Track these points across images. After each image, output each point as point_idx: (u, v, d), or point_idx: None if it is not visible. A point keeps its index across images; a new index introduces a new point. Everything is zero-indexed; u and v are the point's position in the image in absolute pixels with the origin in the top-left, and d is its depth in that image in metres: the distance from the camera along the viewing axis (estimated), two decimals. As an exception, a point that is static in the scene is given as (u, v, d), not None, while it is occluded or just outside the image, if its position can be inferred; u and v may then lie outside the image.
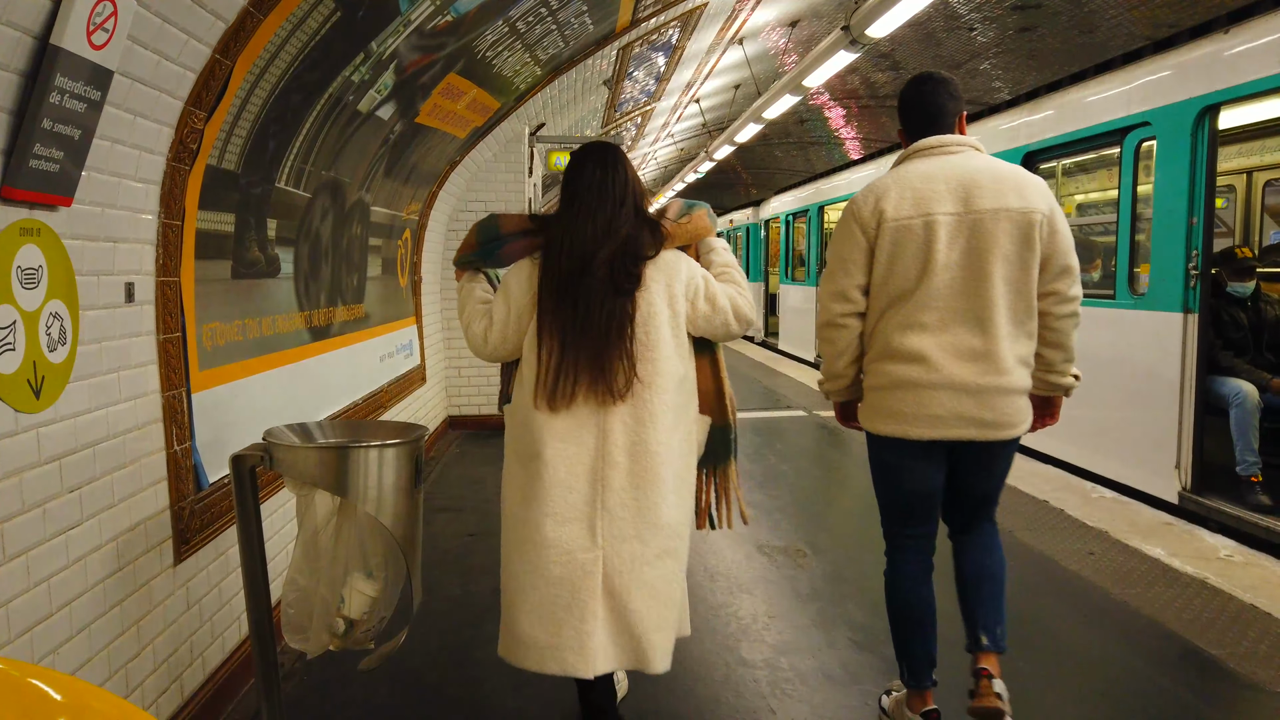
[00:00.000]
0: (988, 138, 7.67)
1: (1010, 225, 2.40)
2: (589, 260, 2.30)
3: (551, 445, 2.29)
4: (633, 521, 2.30)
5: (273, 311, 3.53)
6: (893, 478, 2.69)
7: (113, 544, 2.35)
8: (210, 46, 2.50)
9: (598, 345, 2.28)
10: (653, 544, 2.33)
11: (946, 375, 2.42)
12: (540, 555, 2.31)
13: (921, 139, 2.60)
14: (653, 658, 2.32)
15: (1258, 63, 4.68)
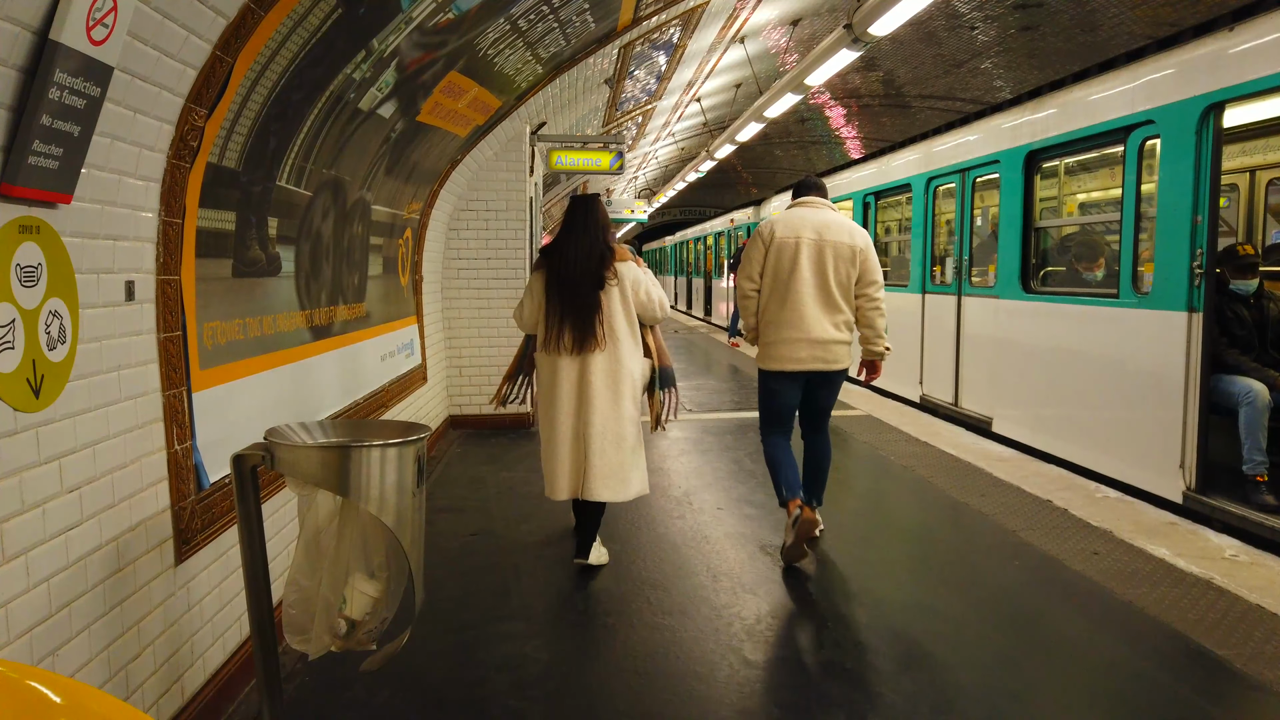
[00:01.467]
0: (989, 136, 7.65)
1: (845, 250, 4.24)
2: (574, 271, 4.07)
3: (557, 374, 4.11)
4: (602, 411, 4.05)
5: (274, 310, 3.51)
6: (773, 397, 4.47)
7: (113, 544, 2.33)
8: (211, 43, 2.48)
9: (581, 319, 4.04)
10: (611, 425, 4.06)
11: (804, 337, 4.24)
12: (555, 428, 4.11)
13: (803, 200, 4.48)
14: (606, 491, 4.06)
15: (1263, 61, 4.66)
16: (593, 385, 4.04)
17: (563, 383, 4.08)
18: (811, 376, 4.32)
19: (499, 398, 4.65)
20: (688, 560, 4.40)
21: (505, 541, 4.68)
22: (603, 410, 4.04)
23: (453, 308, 7.65)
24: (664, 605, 3.82)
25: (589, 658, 3.33)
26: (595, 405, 4.04)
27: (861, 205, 10.99)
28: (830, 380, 4.37)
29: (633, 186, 27.12)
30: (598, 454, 4.03)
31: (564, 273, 4.07)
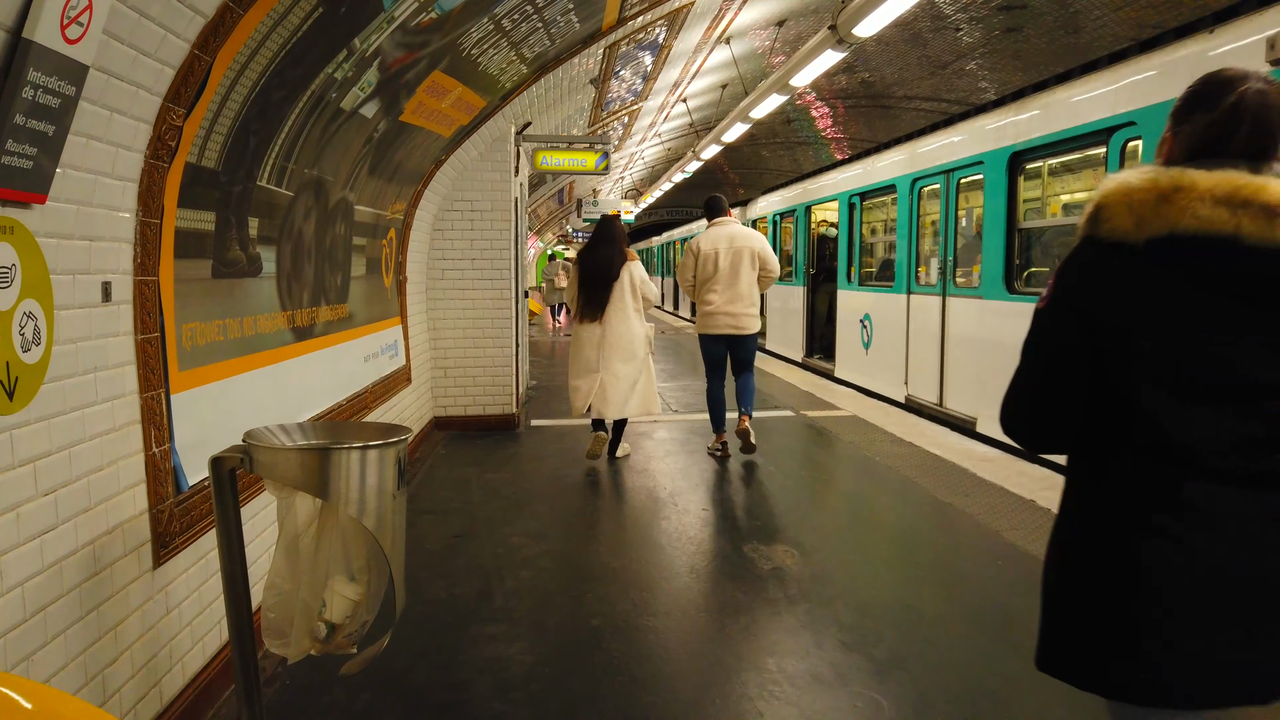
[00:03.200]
0: (973, 138, 7.69)
1: (747, 253, 6.26)
2: (597, 269, 6.18)
3: (581, 334, 6.21)
4: (614, 359, 6.10)
5: (254, 311, 3.49)
6: (708, 353, 6.49)
7: (89, 548, 2.30)
8: (189, 42, 2.46)
9: (600, 300, 6.14)
10: (620, 371, 6.11)
11: (725, 310, 6.24)
12: (581, 369, 6.15)
13: (716, 220, 6.49)
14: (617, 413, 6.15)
15: (1242, 63, 4.70)
16: (608, 342, 6.17)
17: (588, 342, 6.23)
18: (731, 339, 6.33)
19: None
20: (673, 561, 4.39)
21: (489, 543, 4.67)
22: (613, 360, 6.15)
23: (437, 308, 7.62)
24: (649, 606, 3.81)
25: (573, 660, 3.32)
26: (609, 355, 6.14)
27: (847, 206, 11.02)
28: (743, 341, 6.36)
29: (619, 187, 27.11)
30: (613, 382, 6.14)
31: (590, 270, 6.23)
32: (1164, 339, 1.51)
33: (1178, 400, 1.50)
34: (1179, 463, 1.51)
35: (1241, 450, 1.49)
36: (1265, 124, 1.53)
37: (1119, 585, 1.56)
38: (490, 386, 7.81)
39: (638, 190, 29.67)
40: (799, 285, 13.12)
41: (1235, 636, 1.51)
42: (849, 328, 10.83)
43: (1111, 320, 1.53)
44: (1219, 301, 1.48)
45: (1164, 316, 1.51)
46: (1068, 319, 1.59)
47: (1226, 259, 1.46)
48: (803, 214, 13.14)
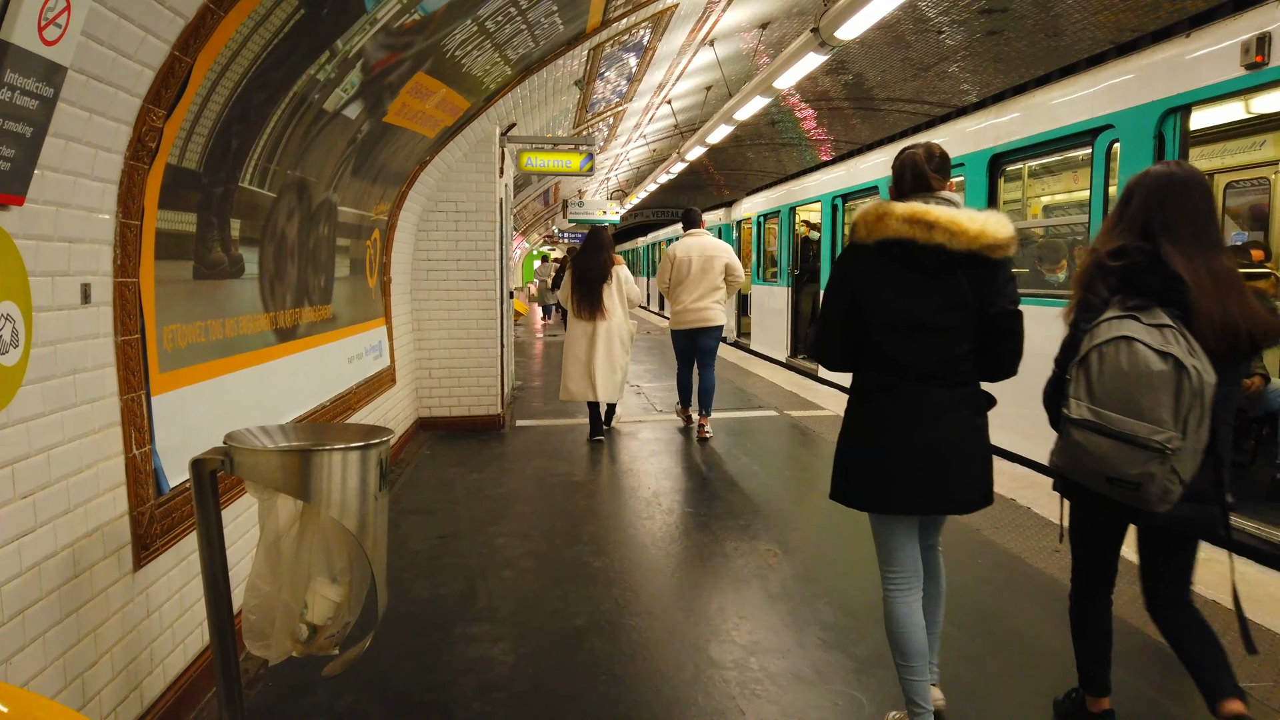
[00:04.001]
0: (955, 140, 7.74)
1: (714, 261, 7.23)
2: (590, 272, 7.05)
3: (574, 331, 7.07)
4: (601, 352, 6.96)
5: (236, 313, 3.48)
6: (678, 346, 7.50)
7: (68, 550, 2.30)
8: (169, 43, 2.46)
9: (592, 299, 7.00)
10: (604, 362, 6.96)
11: (692, 308, 7.23)
12: (573, 361, 7.03)
13: (690, 230, 7.42)
14: (605, 397, 7.06)
15: (1218, 66, 4.76)
16: (598, 337, 6.99)
17: (581, 336, 7.05)
18: (697, 330, 7.32)
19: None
20: (656, 560, 4.41)
21: (473, 544, 4.67)
22: (603, 352, 6.99)
23: (422, 309, 7.61)
24: (632, 606, 3.82)
25: (556, 659, 3.33)
26: (599, 349, 6.98)
27: (830, 207, 11.06)
28: (709, 330, 7.30)
29: (604, 188, 27.11)
30: (601, 376, 6.98)
31: (583, 274, 7.07)
32: (880, 299, 2.55)
33: (889, 334, 2.55)
34: (893, 368, 2.57)
35: (920, 363, 2.55)
36: (920, 174, 2.61)
37: (863, 440, 2.66)
38: (475, 387, 7.80)
39: (623, 191, 29.67)
40: (783, 286, 13.16)
41: (928, 472, 2.57)
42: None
43: (860, 289, 2.57)
44: (909, 275, 2.52)
45: (881, 286, 2.55)
46: (842, 291, 2.62)
47: (914, 253, 2.49)
48: (787, 215, 13.19)
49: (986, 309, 2.55)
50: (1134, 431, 2.24)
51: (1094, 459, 2.33)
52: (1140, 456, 2.24)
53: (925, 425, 2.55)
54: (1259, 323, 2.36)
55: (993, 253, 2.48)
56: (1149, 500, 2.29)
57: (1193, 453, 2.27)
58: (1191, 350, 2.25)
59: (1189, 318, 2.32)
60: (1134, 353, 2.26)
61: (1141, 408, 2.24)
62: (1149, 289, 2.37)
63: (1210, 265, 2.38)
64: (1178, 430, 2.22)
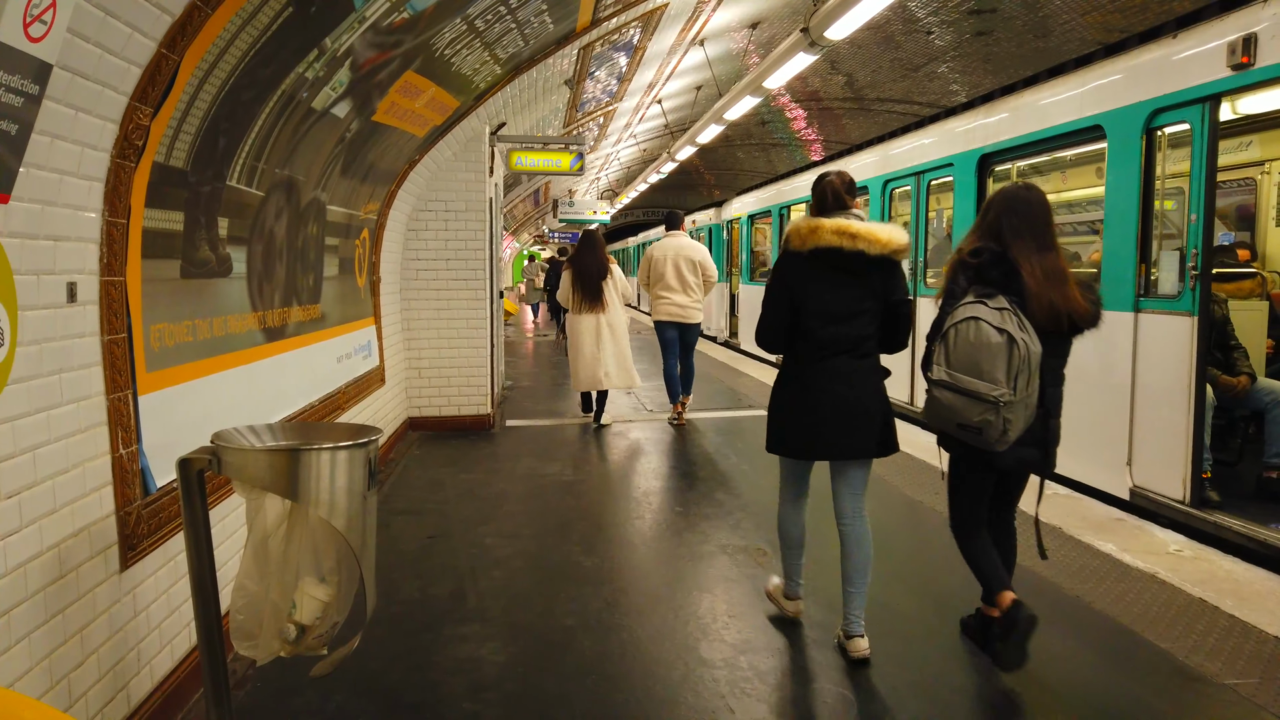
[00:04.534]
0: (944, 140, 7.77)
1: (690, 261, 7.82)
2: (589, 270, 7.70)
3: (579, 324, 7.73)
4: (609, 344, 7.66)
5: (224, 312, 3.47)
6: (663, 335, 7.89)
7: (54, 551, 2.28)
8: (156, 40, 2.45)
9: (593, 294, 7.67)
10: (615, 353, 7.68)
11: (674, 302, 7.80)
12: (582, 353, 7.67)
13: (670, 232, 8.00)
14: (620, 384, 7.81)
15: (1204, 67, 4.78)
16: (603, 330, 7.68)
17: (586, 331, 7.70)
18: (680, 326, 7.88)
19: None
20: (646, 560, 4.41)
21: (463, 544, 4.66)
22: (609, 342, 7.66)
23: (412, 309, 7.59)
24: (621, 606, 3.82)
25: (546, 660, 3.33)
26: (605, 339, 7.64)
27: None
28: (689, 328, 7.96)
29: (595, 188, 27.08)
30: (612, 364, 7.66)
31: (583, 271, 7.72)
32: (812, 294, 3.26)
33: (818, 321, 3.26)
34: (818, 347, 3.28)
35: (839, 342, 3.26)
36: (839, 196, 3.32)
37: (790, 401, 3.38)
38: (465, 387, 7.79)
39: (614, 191, 29.65)
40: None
41: (840, 425, 3.27)
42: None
43: (795, 287, 3.29)
44: (835, 276, 3.23)
45: (812, 284, 3.26)
46: (781, 288, 3.34)
47: (837, 257, 3.18)
48: (778, 215, 13.20)
49: (889, 298, 3.31)
50: (976, 388, 2.93)
51: (948, 410, 3.02)
52: (980, 407, 2.93)
53: (842, 388, 3.28)
54: (1077, 309, 3.07)
55: (896, 256, 3.24)
56: (989, 441, 2.98)
57: (1023, 405, 2.94)
58: (1022, 326, 2.94)
59: (1024, 303, 3.01)
60: (979, 328, 2.94)
61: (982, 370, 2.92)
62: (995, 280, 3.07)
63: (1044, 263, 3.07)
64: (1009, 387, 2.90)
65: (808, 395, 3.31)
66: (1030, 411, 2.98)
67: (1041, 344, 2.97)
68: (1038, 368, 2.95)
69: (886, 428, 3.36)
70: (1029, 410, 2.97)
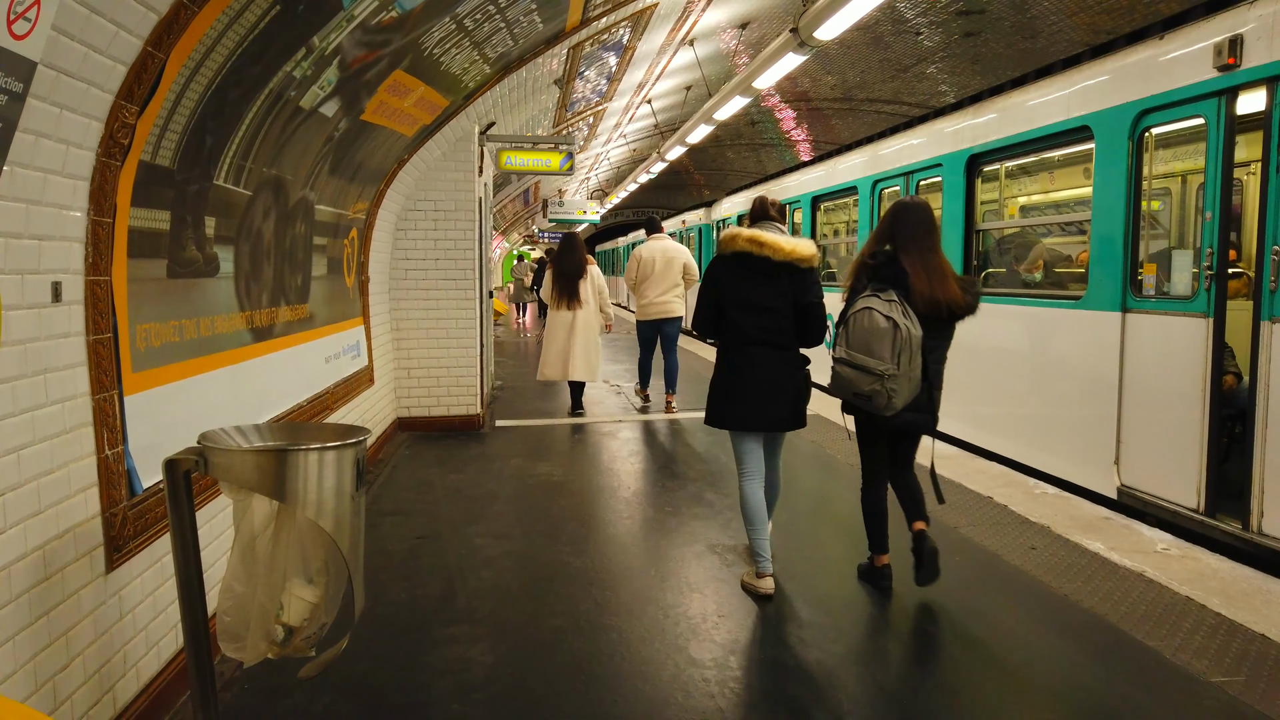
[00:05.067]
0: (933, 140, 7.79)
1: (675, 262, 8.44)
2: (568, 269, 8.23)
3: (555, 320, 8.21)
4: (580, 340, 8.11)
5: (211, 312, 3.45)
6: (642, 334, 8.69)
7: (39, 552, 2.26)
8: (142, 39, 2.43)
9: (571, 292, 8.16)
10: (583, 349, 8.16)
11: (656, 300, 8.43)
12: (555, 345, 8.18)
13: (653, 235, 8.62)
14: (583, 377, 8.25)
15: (1190, 68, 4.81)
16: (576, 326, 8.14)
17: (560, 326, 8.18)
18: (660, 321, 8.49)
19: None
20: (635, 560, 4.41)
21: (452, 544, 4.65)
22: (580, 339, 8.12)
23: (400, 309, 7.57)
24: (611, 606, 3.82)
25: (535, 660, 3.32)
26: (577, 335, 8.12)
27: (810, 207, 11.11)
28: (671, 320, 8.47)
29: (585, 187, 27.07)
30: (579, 358, 8.13)
31: (562, 271, 8.23)
32: (733, 289, 3.88)
33: (740, 312, 3.85)
34: (742, 335, 3.87)
35: (758, 331, 3.84)
36: (765, 211, 4.02)
37: (721, 381, 3.96)
38: (454, 387, 7.77)
39: (603, 191, 29.64)
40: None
41: (757, 401, 3.86)
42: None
43: (720, 283, 3.91)
44: (752, 276, 3.83)
45: (734, 281, 3.88)
46: (710, 284, 3.96)
47: (751, 261, 3.82)
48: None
49: (799, 300, 3.88)
50: (866, 364, 3.58)
51: (847, 381, 3.67)
52: (870, 379, 3.58)
53: (761, 372, 3.89)
54: (954, 300, 3.73)
55: (801, 263, 3.84)
56: (878, 407, 3.64)
57: (907, 379, 3.58)
58: (907, 315, 3.60)
59: (909, 295, 3.67)
60: (871, 317, 3.60)
61: (872, 350, 3.58)
62: (887, 278, 3.72)
63: (925, 262, 3.73)
64: (893, 364, 3.55)
65: (735, 376, 3.94)
66: (914, 384, 3.63)
67: (925, 329, 3.63)
68: (919, 348, 3.58)
69: (799, 406, 3.97)
70: (913, 383, 3.62)
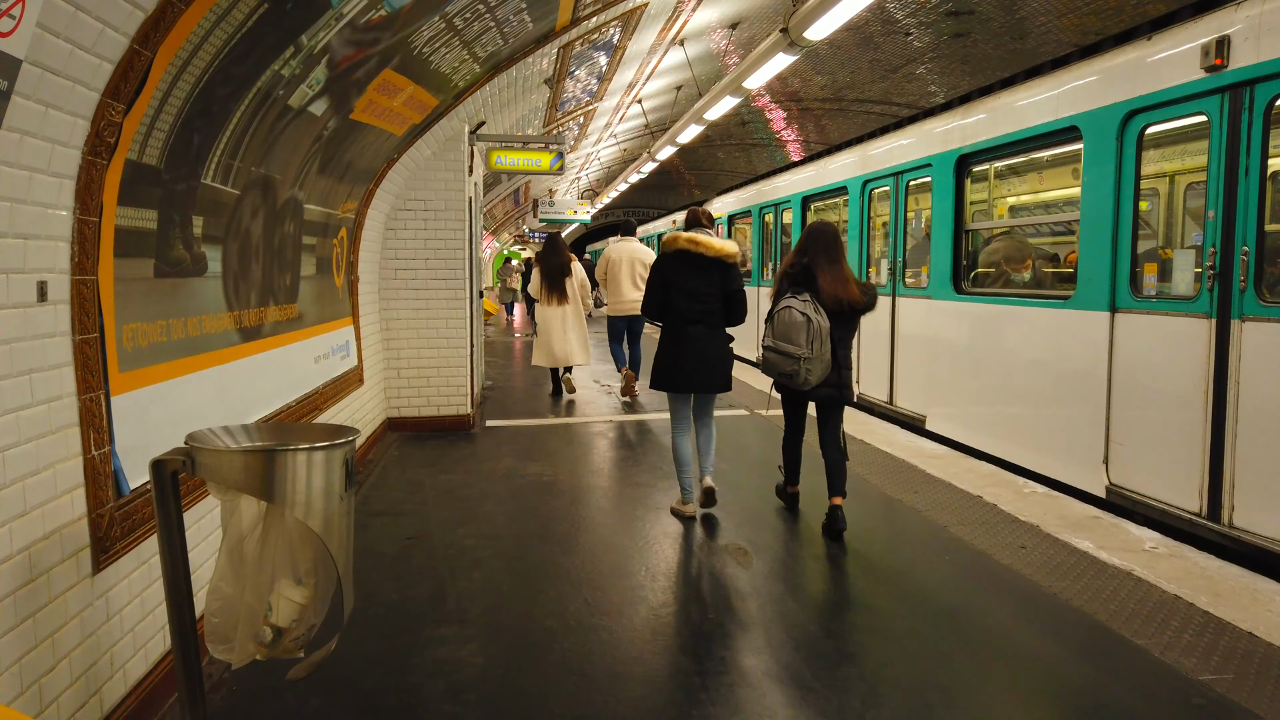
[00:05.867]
0: (923, 141, 7.81)
1: (640, 263, 9.17)
2: (553, 267, 9.35)
3: (548, 314, 9.31)
4: (571, 329, 9.27)
5: (199, 311, 3.42)
6: (612, 326, 9.69)
7: (24, 554, 2.25)
8: (128, 36, 2.41)
9: (557, 287, 9.31)
10: (577, 337, 9.33)
11: (628, 299, 9.22)
12: (551, 336, 9.23)
13: (625, 238, 9.43)
14: (577, 361, 9.34)
15: (1178, 69, 4.83)
16: (567, 318, 9.23)
17: (552, 318, 9.24)
18: (629, 318, 9.36)
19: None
20: (625, 560, 4.40)
21: (442, 545, 4.63)
22: (569, 328, 9.24)
23: (390, 308, 7.55)
24: (601, 606, 3.82)
25: (526, 661, 3.32)
26: (570, 326, 9.25)
27: (801, 206, 11.12)
28: (637, 319, 9.37)
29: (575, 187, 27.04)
30: (575, 344, 9.25)
31: (549, 270, 9.27)
32: (675, 279, 4.95)
33: (681, 297, 4.92)
34: (680, 316, 4.93)
35: (694, 313, 4.92)
36: (698, 220, 5.29)
37: (663, 353, 4.98)
38: (444, 387, 7.75)
39: (594, 191, 29.62)
40: (754, 286, 13.21)
41: (693, 370, 4.92)
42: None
43: (665, 273, 4.98)
44: (690, 268, 4.94)
45: (676, 273, 4.96)
46: (658, 274, 5.03)
47: (690, 257, 4.96)
48: (758, 215, 13.24)
49: (726, 288, 5.00)
50: (787, 350, 4.63)
51: (773, 364, 4.73)
52: (789, 361, 4.63)
53: (696, 345, 4.95)
54: (854, 299, 4.71)
55: (727, 259, 4.98)
56: (798, 383, 4.66)
57: (819, 361, 4.59)
58: (817, 310, 4.63)
59: (819, 296, 4.68)
60: (790, 313, 4.66)
61: (791, 339, 4.62)
62: (803, 283, 4.79)
63: (831, 270, 4.74)
64: (808, 349, 4.57)
65: (675, 349, 4.97)
66: (826, 364, 4.62)
67: (832, 322, 4.64)
68: (828, 337, 4.60)
69: (726, 373, 5.06)
70: (824, 364, 4.62)
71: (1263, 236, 4.40)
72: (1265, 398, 4.30)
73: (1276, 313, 4.27)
